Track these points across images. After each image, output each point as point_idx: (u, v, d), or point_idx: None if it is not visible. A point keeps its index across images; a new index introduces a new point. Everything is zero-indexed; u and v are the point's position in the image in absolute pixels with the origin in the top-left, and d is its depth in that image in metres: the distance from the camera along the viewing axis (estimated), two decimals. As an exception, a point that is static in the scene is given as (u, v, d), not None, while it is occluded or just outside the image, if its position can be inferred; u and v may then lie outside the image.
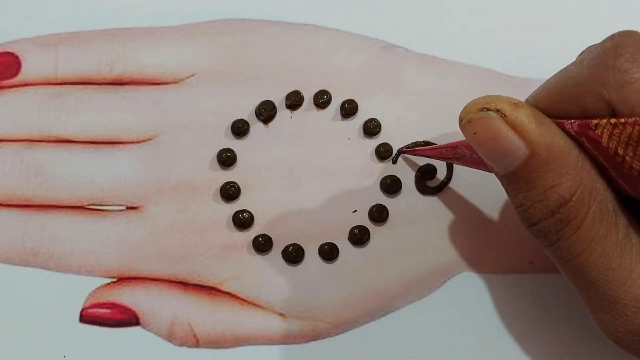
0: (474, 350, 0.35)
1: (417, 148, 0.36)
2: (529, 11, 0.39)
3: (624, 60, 0.25)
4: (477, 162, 0.31)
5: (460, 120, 0.28)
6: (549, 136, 0.26)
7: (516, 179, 0.27)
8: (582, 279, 0.27)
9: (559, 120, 0.26)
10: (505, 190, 0.29)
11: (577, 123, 0.26)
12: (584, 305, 0.29)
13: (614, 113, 0.25)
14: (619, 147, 0.25)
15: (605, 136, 0.25)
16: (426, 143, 0.37)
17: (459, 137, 0.37)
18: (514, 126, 0.26)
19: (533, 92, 0.29)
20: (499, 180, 0.28)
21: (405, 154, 0.36)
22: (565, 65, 0.28)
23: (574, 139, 0.26)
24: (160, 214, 0.36)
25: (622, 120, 0.24)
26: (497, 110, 0.26)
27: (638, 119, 0.24)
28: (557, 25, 0.39)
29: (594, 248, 0.27)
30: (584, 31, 0.39)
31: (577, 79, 0.26)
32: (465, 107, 0.28)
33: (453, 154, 0.32)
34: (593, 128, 0.25)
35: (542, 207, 0.27)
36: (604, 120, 0.25)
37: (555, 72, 0.28)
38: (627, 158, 0.25)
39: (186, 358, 0.34)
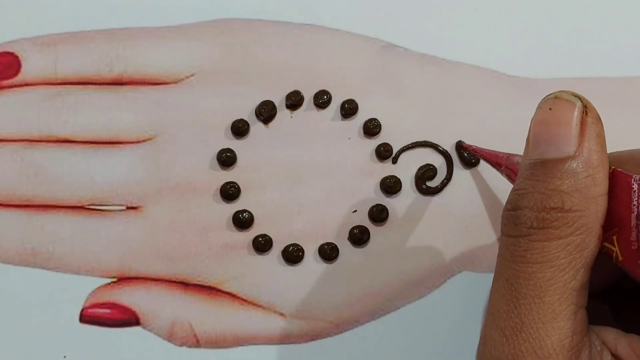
0: (473, 350, 0.35)
1: (475, 147, 0.36)
2: (529, 11, 0.39)
3: None
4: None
5: (548, 95, 0.27)
6: (597, 159, 0.26)
7: (540, 167, 0.26)
8: (510, 287, 0.26)
9: (628, 173, 0.27)
10: (518, 176, 0.28)
11: None
12: (489, 313, 0.27)
13: None
14: None
15: None
16: (426, 143, 0.37)
17: (459, 136, 0.37)
18: (583, 126, 0.26)
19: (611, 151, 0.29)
20: (522, 165, 0.28)
21: (467, 149, 0.36)
22: (564, 64, 0.28)
23: (624, 195, 0.27)
24: (160, 214, 0.36)
25: None
26: (585, 106, 0.26)
27: None
28: (557, 25, 0.39)
29: (545, 270, 0.26)
30: (584, 31, 0.39)
31: None
32: (560, 90, 0.27)
33: (506, 161, 0.32)
34: None
35: (538, 199, 0.26)
36: None
37: (554, 72, 0.28)
38: None
39: (186, 358, 0.34)
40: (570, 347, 0.26)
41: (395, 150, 0.37)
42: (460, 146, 0.37)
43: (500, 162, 0.33)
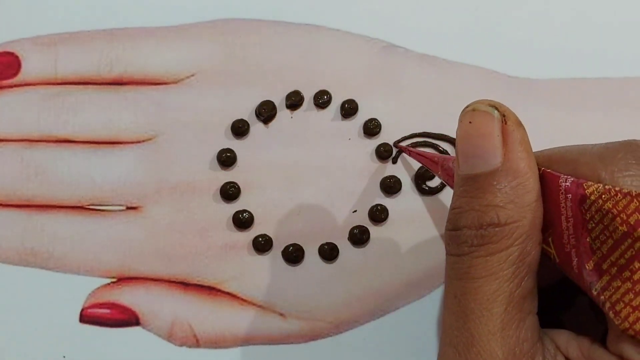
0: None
1: (409, 148, 0.36)
2: (529, 11, 0.39)
3: (629, 159, 0.26)
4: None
5: (466, 107, 0.28)
6: (524, 166, 0.26)
7: (472, 183, 0.27)
8: (459, 303, 0.27)
9: (556, 173, 0.27)
10: (454, 191, 0.28)
11: (572, 179, 0.26)
12: (442, 330, 0.28)
13: None
14: (597, 214, 0.25)
15: (592, 197, 0.25)
16: (426, 143, 0.37)
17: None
18: (505, 135, 0.26)
19: (542, 149, 0.29)
20: (455, 180, 0.28)
21: (398, 148, 0.36)
22: (564, 64, 0.28)
23: (554, 196, 0.27)
24: (160, 214, 0.36)
25: (618, 188, 0.25)
26: (503, 115, 0.27)
27: (633, 191, 0.24)
28: (557, 25, 0.39)
29: (490, 283, 0.26)
30: (584, 31, 0.39)
31: (584, 149, 0.27)
32: (476, 100, 0.28)
33: (442, 162, 0.32)
34: (585, 187, 0.25)
35: (474, 217, 0.26)
36: (600, 185, 0.25)
37: (554, 72, 0.27)
38: (599, 227, 0.25)
39: (186, 358, 0.34)
40: (522, 355, 0.26)
41: (395, 150, 0.37)
42: (395, 146, 0.37)
43: (434, 163, 0.33)
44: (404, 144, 0.37)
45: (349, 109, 0.37)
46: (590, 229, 0.25)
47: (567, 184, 0.26)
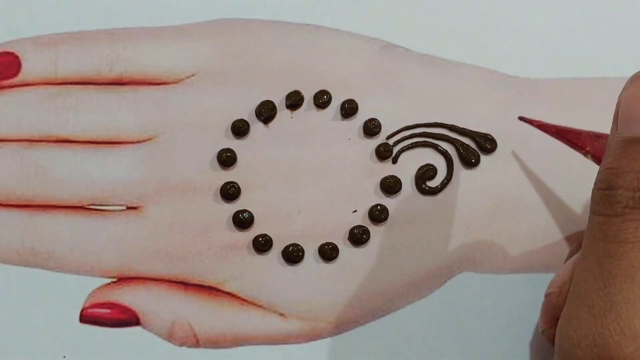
0: (474, 350, 0.35)
1: (545, 123, 0.35)
2: (530, 11, 0.39)
3: None
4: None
5: (636, 73, 0.27)
6: None
7: (635, 145, 0.26)
8: (600, 265, 0.26)
9: None
10: (607, 154, 0.27)
11: None
12: (575, 292, 0.27)
13: None
14: None
15: None
16: (426, 143, 0.37)
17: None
18: None
19: None
20: (610, 143, 0.27)
21: (528, 122, 0.35)
22: (564, 64, 0.28)
23: None
24: (160, 214, 0.36)
25: None
26: None
27: None
28: (557, 25, 0.39)
29: (639, 250, 0.25)
30: (584, 31, 0.39)
31: None
32: None
33: (591, 140, 0.32)
34: None
35: (634, 178, 0.26)
36: None
37: (554, 72, 0.27)
38: None
39: (186, 358, 0.34)
40: None
41: (395, 151, 0.37)
42: (522, 120, 0.36)
43: (584, 144, 0.32)
44: (398, 138, 0.37)
45: (349, 109, 0.37)
46: None
47: None
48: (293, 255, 0.35)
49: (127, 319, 0.35)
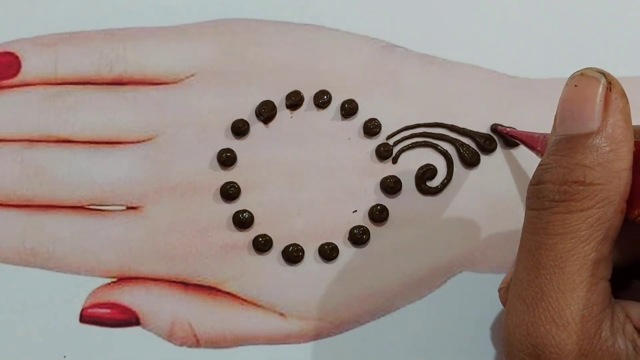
0: (473, 350, 0.35)
1: (509, 129, 0.36)
2: (529, 11, 0.39)
3: None
4: None
5: (575, 72, 0.28)
6: (620, 133, 0.26)
7: (565, 142, 0.27)
8: (532, 257, 0.27)
9: None
10: (545, 153, 0.28)
11: None
12: (513, 283, 0.28)
13: None
14: None
15: None
16: (426, 143, 0.37)
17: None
18: (607, 102, 0.26)
19: None
20: (548, 143, 0.28)
21: (499, 131, 0.37)
22: (564, 64, 0.28)
23: None
24: (160, 214, 0.36)
25: None
26: (609, 83, 0.27)
27: None
28: (557, 25, 0.39)
29: (566, 241, 0.26)
30: (584, 31, 0.39)
31: None
32: (588, 67, 0.28)
33: (542, 141, 0.32)
34: None
35: (560, 173, 0.26)
36: None
37: (554, 72, 0.27)
38: None
39: (186, 358, 0.34)
40: (589, 318, 0.26)
41: (395, 151, 0.37)
42: (494, 130, 0.37)
43: (535, 144, 0.33)
44: (398, 138, 0.37)
45: (349, 109, 0.37)
46: None
47: None
48: (293, 255, 0.35)
49: (127, 319, 0.35)
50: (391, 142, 0.37)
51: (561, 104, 0.28)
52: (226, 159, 0.36)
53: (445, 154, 0.37)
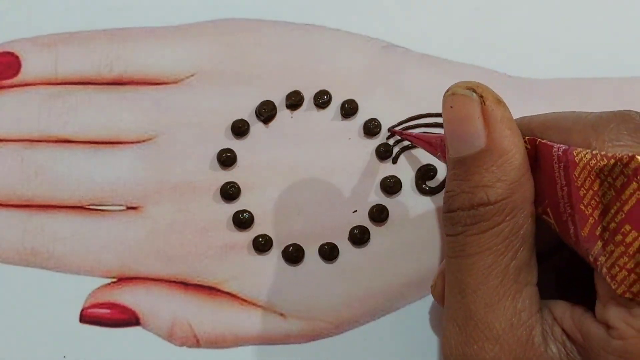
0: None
1: (405, 132, 0.36)
2: (529, 11, 0.39)
3: (621, 129, 0.26)
4: None
5: (446, 92, 0.28)
6: (508, 143, 0.27)
7: (460, 165, 0.27)
8: (456, 280, 0.28)
9: (549, 143, 0.27)
10: (447, 174, 0.29)
11: (564, 147, 0.26)
12: (444, 307, 0.29)
13: None
14: (587, 180, 0.25)
15: (581, 163, 0.25)
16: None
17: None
18: (485, 117, 0.27)
19: (537, 114, 0.29)
20: (447, 163, 0.29)
21: (392, 133, 0.37)
22: (564, 64, 0.28)
23: (549, 166, 0.27)
24: (160, 214, 0.36)
25: (603, 153, 0.25)
26: (481, 96, 0.27)
27: (616, 154, 0.24)
28: (557, 25, 0.39)
29: (485, 258, 0.27)
30: (584, 31, 0.39)
31: (578, 117, 0.27)
32: (455, 83, 0.28)
33: (439, 144, 0.32)
34: (574, 154, 0.26)
35: (465, 199, 0.27)
36: (587, 151, 0.25)
37: (554, 72, 0.28)
38: (589, 193, 0.25)
39: (186, 358, 0.34)
40: (518, 325, 0.26)
41: (395, 151, 0.37)
42: (390, 131, 0.37)
43: (435, 145, 0.33)
44: (395, 129, 0.37)
45: (349, 109, 0.37)
46: (582, 195, 0.25)
47: (560, 152, 0.26)
48: (293, 255, 0.35)
49: (127, 319, 0.35)
50: (391, 142, 0.37)
51: (445, 126, 0.28)
52: (226, 159, 0.36)
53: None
